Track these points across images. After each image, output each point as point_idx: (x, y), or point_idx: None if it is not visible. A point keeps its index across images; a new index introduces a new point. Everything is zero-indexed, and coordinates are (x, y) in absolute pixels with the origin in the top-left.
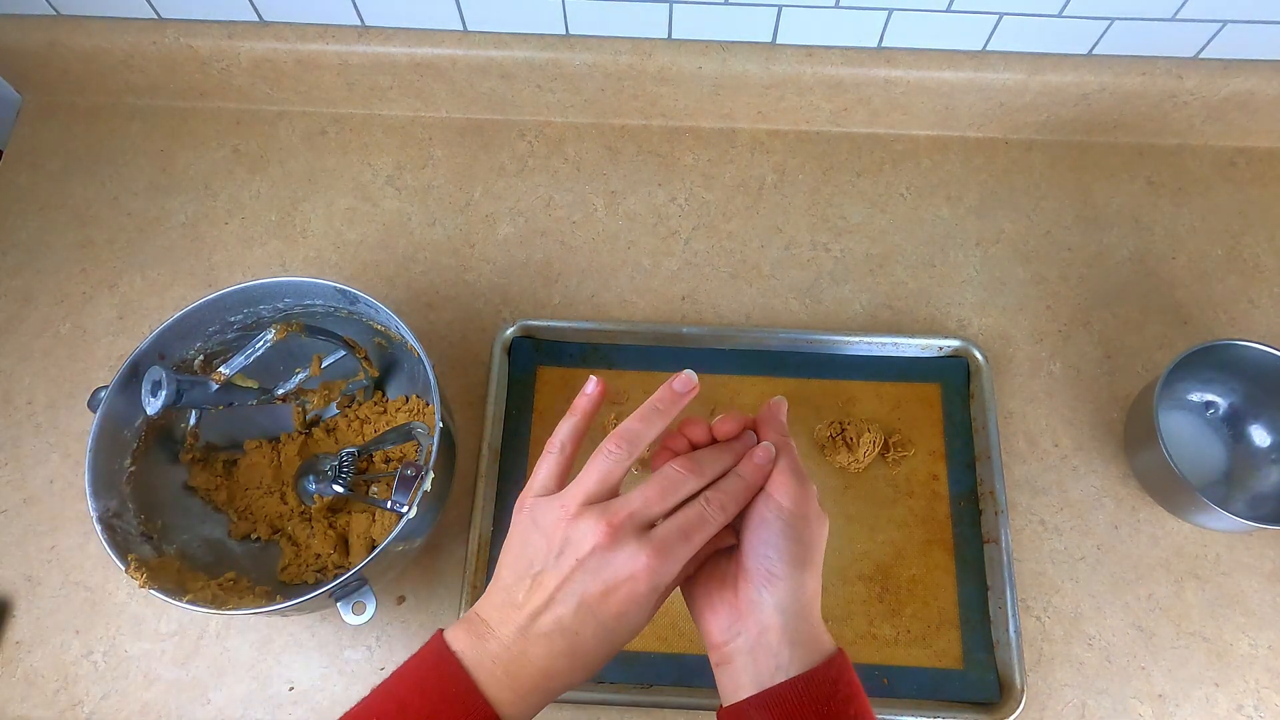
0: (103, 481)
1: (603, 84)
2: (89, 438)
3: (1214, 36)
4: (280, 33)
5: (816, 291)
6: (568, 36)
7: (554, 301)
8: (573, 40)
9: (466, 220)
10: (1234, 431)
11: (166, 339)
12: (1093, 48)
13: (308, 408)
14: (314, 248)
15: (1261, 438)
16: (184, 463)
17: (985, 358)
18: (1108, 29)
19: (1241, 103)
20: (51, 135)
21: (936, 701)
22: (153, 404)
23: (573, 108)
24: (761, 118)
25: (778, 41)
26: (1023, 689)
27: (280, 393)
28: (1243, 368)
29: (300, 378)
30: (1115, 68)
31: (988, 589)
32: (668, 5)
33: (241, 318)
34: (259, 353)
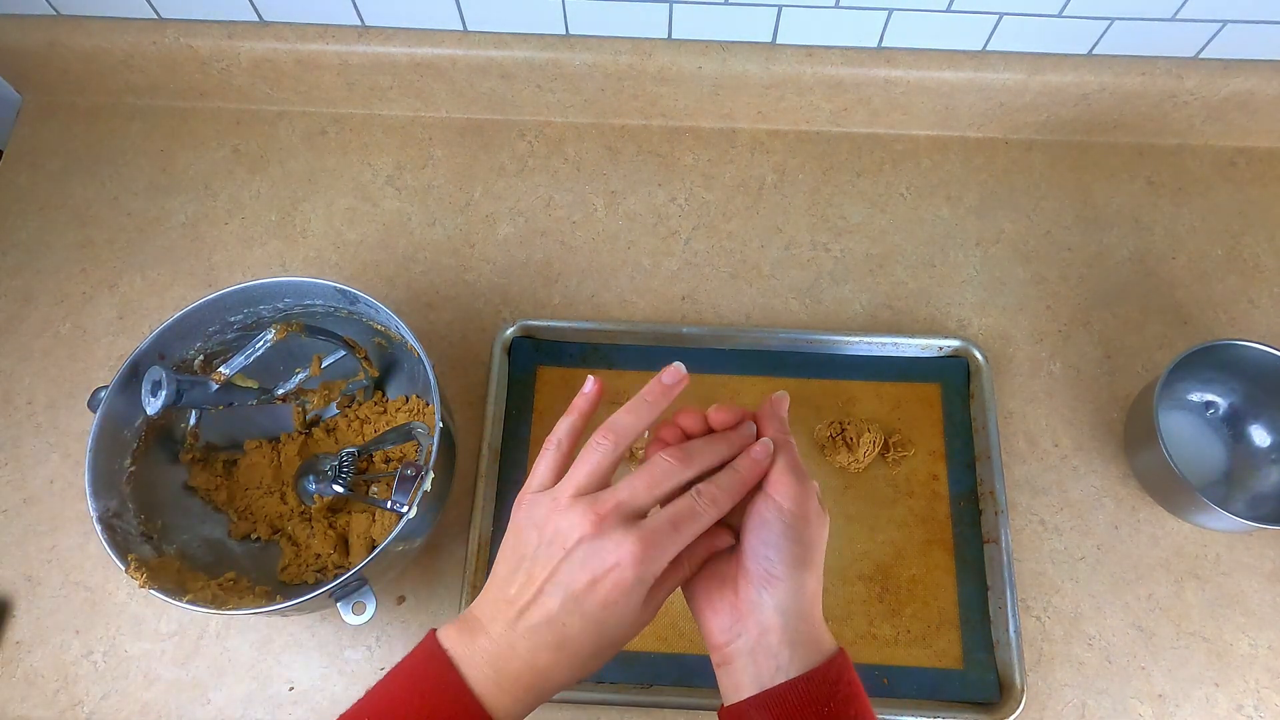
0: (103, 481)
1: (603, 84)
2: (89, 438)
3: (1214, 36)
4: (280, 33)
5: (816, 291)
6: (568, 36)
7: (554, 301)
8: (573, 40)
9: (466, 220)
10: (1234, 431)
11: (166, 339)
12: (1093, 48)
13: (308, 408)
14: (314, 248)
15: (1261, 438)
16: (184, 463)
17: (985, 358)
18: (1108, 29)
19: (1241, 103)
20: (51, 135)
21: (936, 701)
22: (153, 404)
23: (573, 108)
24: (761, 118)
25: (778, 41)
26: (1023, 689)
27: (280, 393)
28: (1243, 368)
29: (300, 378)
30: (1115, 68)
31: (988, 589)
32: (668, 5)
33: (241, 318)
34: (259, 353)
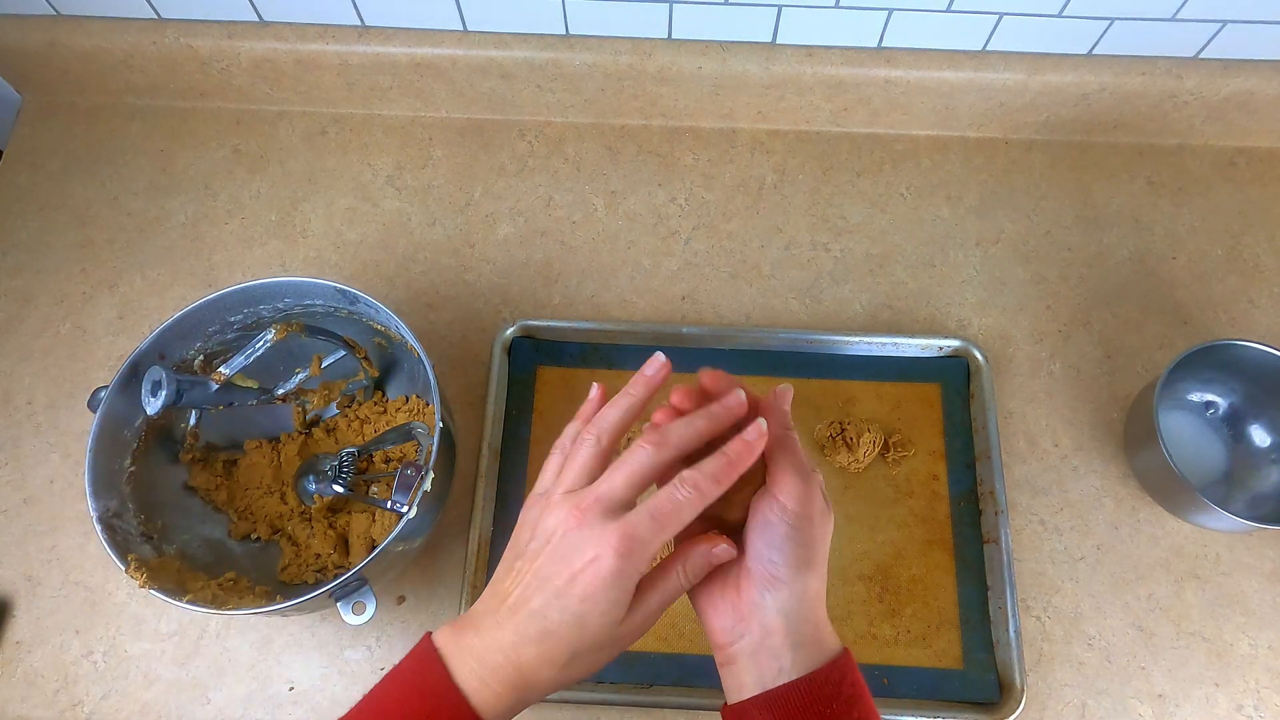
0: (103, 481)
1: (603, 84)
2: (89, 438)
3: (1214, 36)
4: (280, 33)
5: (816, 291)
6: (568, 36)
7: (554, 301)
8: (573, 40)
9: (466, 220)
10: (1234, 431)
11: (166, 339)
12: (1093, 48)
13: (308, 408)
14: (314, 248)
15: (1261, 438)
16: (184, 463)
17: (985, 358)
18: (1108, 29)
19: (1241, 103)
20: (51, 135)
21: (936, 701)
22: (153, 404)
23: (573, 108)
24: (761, 118)
25: (778, 41)
26: (1023, 689)
27: (280, 393)
28: (1243, 368)
29: (300, 378)
30: (1115, 68)
31: (988, 589)
32: (668, 5)
33: (241, 318)
34: (259, 353)
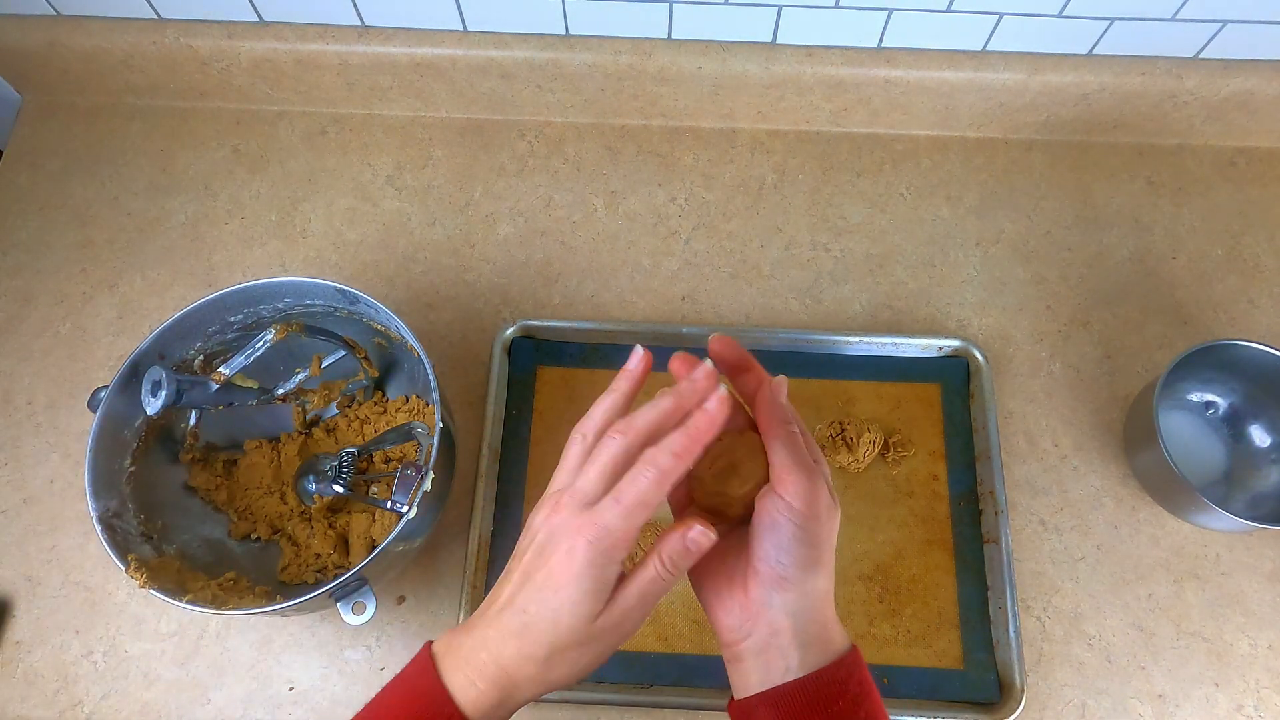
0: (103, 481)
1: (603, 84)
2: (89, 438)
3: (1214, 36)
4: (280, 33)
5: (816, 291)
6: (568, 36)
7: (554, 301)
8: (573, 40)
9: (466, 220)
10: (1234, 431)
11: (166, 339)
12: (1093, 48)
13: (308, 408)
14: (314, 248)
15: (1261, 438)
16: (184, 463)
17: (985, 358)
18: (1108, 29)
19: (1241, 103)
20: (51, 135)
21: (936, 701)
22: (153, 404)
23: (573, 108)
24: (761, 118)
25: (778, 41)
26: (1023, 689)
27: (280, 393)
28: (1243, 368)
29: (300, 378)
30: (1115, 68)
31: (988, 589)
32: (668, 5)
33: (241, 318)
34: (259, 353)
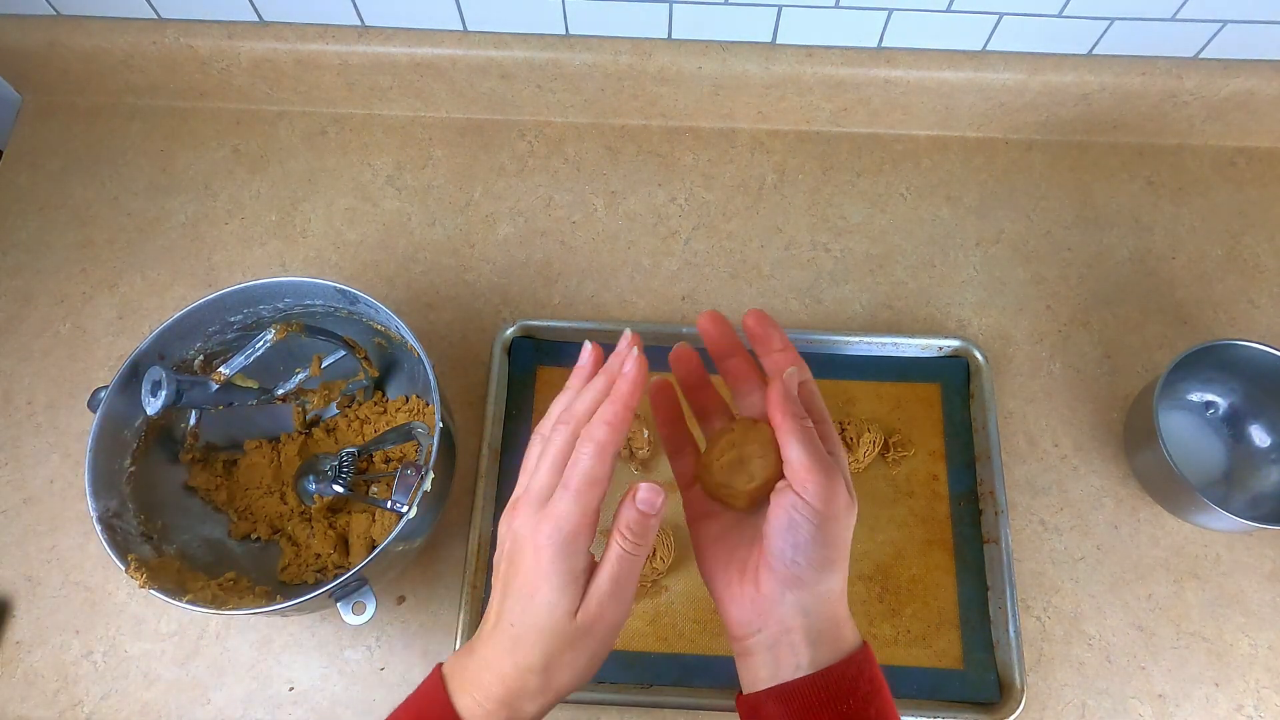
0: (103, 481)
1: (603, 84)
2: (89, 438)
3: (1214, 36)
4: (280, 33)
5: (816, 291)
6: (568, 36)
7: (554, 301)
8: (573, 40)
9: (466, 220)
10: (1234, 431)
11: (166, 339)
12: (1093, 48)
13: (308, 408)
14: (314, 248)
15: (1261, 438)
16: (184, 463)
17: (985, 358)
18: (1108, 29)
19: (1241, 103)
20: (51, 135)
21: (936, 701)
22: (153, 404)
23: (573, 108)
24: (761, 118)
25: (778, 41)
26: (1023, 689)
27: (280, 393)
28: (1243, 368)
29: (300, 378)
30: (1115, 68)
31: (988, 589)
32: (668, 5)
33: (241, 318)
34: (259, 353)
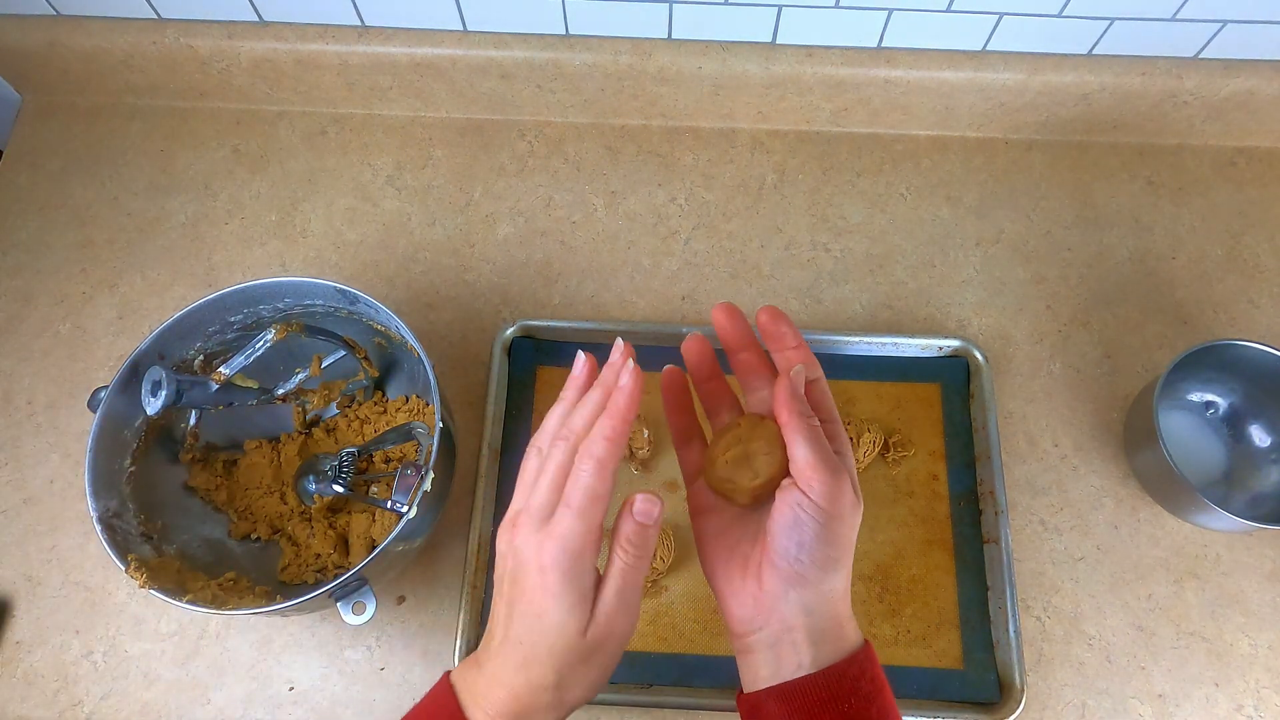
0: (103, 481)
1: (603, 84)
2: (89, 438)
3: (1214, 36)
4: (280, 33)
5: (816, 291)
6: (568, 36)
7: (554, 301)
8: (573, 40)
9: (466, 220)
10: (1234, 431)
11: (166, 339)
12: (1093, 48)
13: (308, 408)
14: (314, 248)
15: (1261, 438)
16: (184, 463)
17: (985, 358)
18: (1108, 29)
19: (1241, 103)
20: (51, 135)
21: (936, 701)
22: (153, 404)
23: (573, 108)
24: (761, 118)
25: (778, 41)
26: (1023, 689)
27: (280, 393)
28: (1243, 368)
29: (300, 378)
30: (1115, 68)
31: (988, 589)
32: (668, 5)
33: (241, 318)
34: (259, 353)
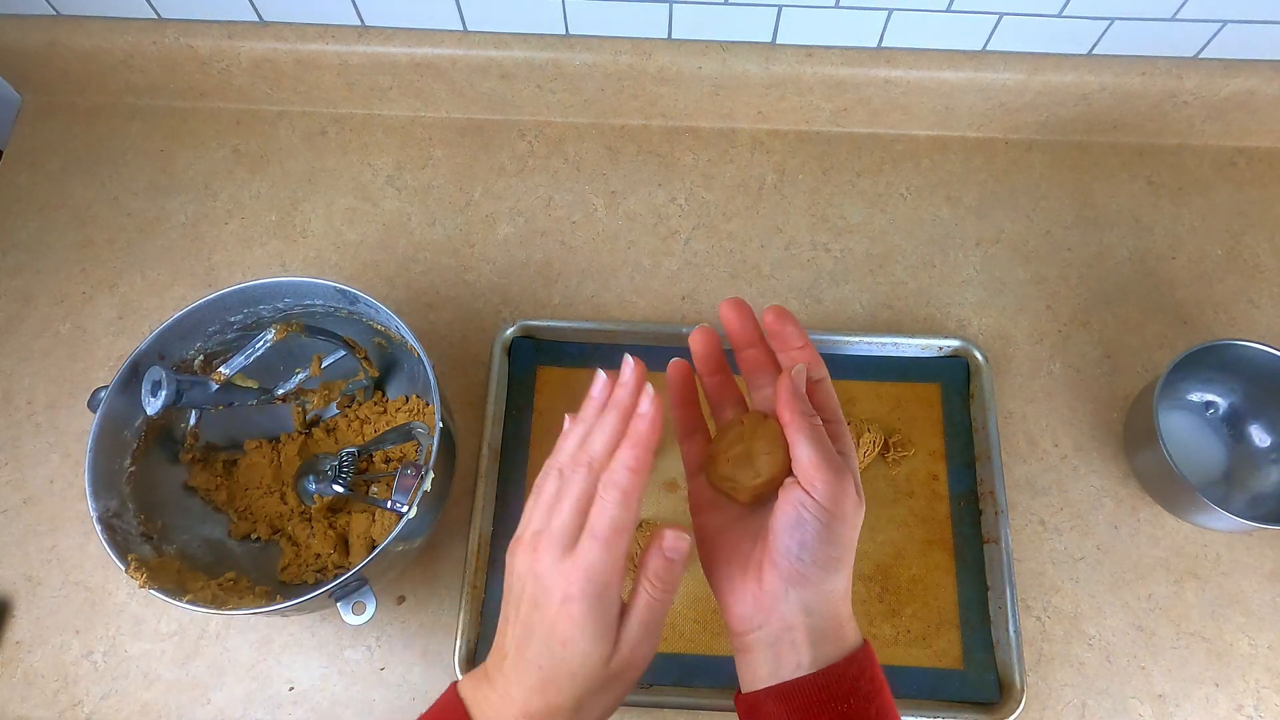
0: (103, 481)
1: (603, 84)
2: (89, 438)
3: (1214, 36)
4: (280, 33)
5: (816, 291)
6: (568, 36)
7: (554, 301)
8: (573, 40)
9: (466, 220)
10: (1234, 431)
11: (166, 339)
12: (1093, 48)
13: (308, 408)
14: (314, 248)
15: (1261, 438)
16: (184, 463)
17: (985, 358)
18: (1108, 29)
19: (1241, 103)
20: (51, 135)
21: (936, 701)
22: (153, 404)
23: (573, 108)
24: (761, 118)
25: (778, 41)
26: (1023, 689)
27: (280, 393)
28: (1243, 368)
29: (300, 378)
30: (1115, 68)
31: (988, 589)
32: (668, 5)
33: (241, 318)
34: (259, 353)
